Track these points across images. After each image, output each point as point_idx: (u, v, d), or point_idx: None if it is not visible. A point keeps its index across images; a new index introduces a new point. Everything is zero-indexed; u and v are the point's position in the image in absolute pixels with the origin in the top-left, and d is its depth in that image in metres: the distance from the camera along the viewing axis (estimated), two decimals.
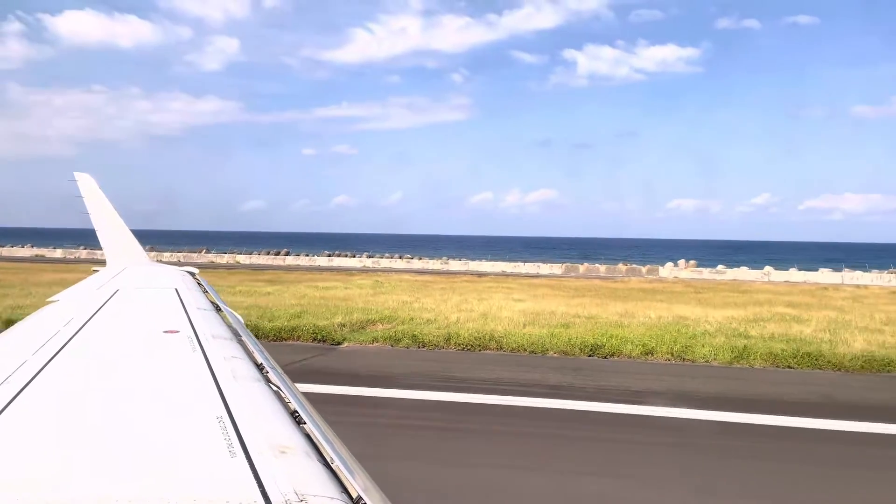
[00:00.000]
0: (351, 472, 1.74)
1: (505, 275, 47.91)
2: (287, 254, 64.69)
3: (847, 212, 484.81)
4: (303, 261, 59.19)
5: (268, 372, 2.77)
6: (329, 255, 62.13)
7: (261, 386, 2.51)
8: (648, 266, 54.11)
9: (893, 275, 47.11)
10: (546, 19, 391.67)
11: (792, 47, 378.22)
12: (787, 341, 16.54)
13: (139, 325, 3.92)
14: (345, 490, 1.63)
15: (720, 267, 52.57)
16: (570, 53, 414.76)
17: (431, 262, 58.61)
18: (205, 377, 2.54)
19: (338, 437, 2.12)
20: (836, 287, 39.39)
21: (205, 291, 5.65)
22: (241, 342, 3.40)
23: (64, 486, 1.54)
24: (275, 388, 2.50)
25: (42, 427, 1.98)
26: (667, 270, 51.21)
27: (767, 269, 50.67)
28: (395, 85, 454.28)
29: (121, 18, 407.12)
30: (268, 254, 64.62)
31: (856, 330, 18.31)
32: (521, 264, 55.00)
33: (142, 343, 3.32)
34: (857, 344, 16.07)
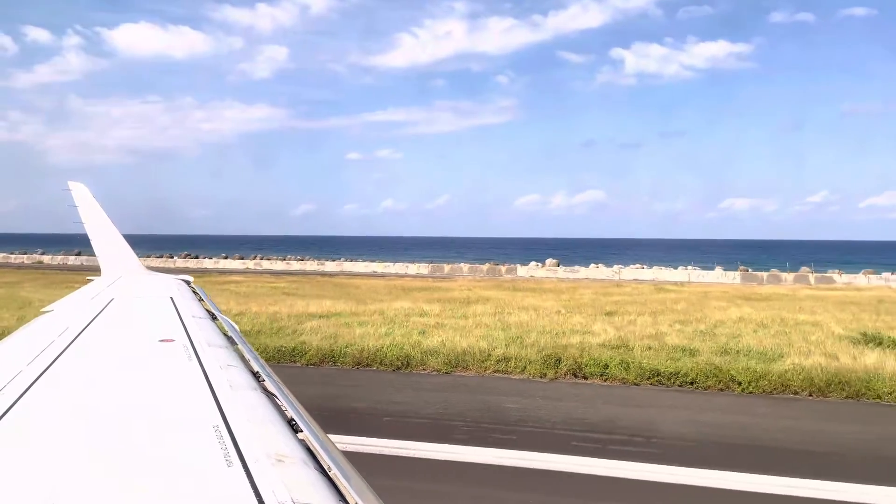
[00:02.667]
0: (348, 480, 1.73)
1: (372, 274, 50.51)
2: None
3: None
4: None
5: (264, 380, 2.76)
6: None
7: (257, 394, 2.50)
8: (508, 265, 56.12)
9: (738, 273, 48.29)
10: (592, 18, 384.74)
11: (847, 40, 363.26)
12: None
13: (134, 335, 3.93)
14: (342, 498, 1.63)
15: (576, 266, 55.48)
16: (617, 52, 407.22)
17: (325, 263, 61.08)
18: (201, 386, 2.53)
19: (334, 444, 2.12)
20: (660, 285, 39.44)
21: (200, 300, 5.66)
22: (236, 350, 3.40)
23: (60, 497, 1.54)
24: (271, 397, 2.50)
25: (38, 437, 1.97)
26: (524, 270, 52.97)
27: (617, 267, 53.59)
28: (440, 88, 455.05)
29: (175, 30, 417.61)
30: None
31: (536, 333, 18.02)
32: (390, 264, 57.36)
33: (137, 352, 3.32)
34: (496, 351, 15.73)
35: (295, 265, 61.55)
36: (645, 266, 54.82)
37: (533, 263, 58.41)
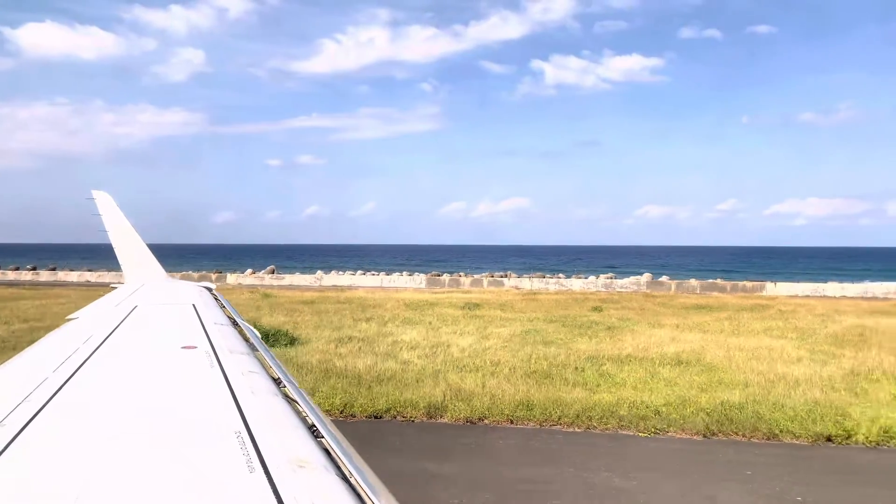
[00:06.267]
0: (370, 487, 1.74)
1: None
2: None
3: (810, 216, 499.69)
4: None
5: (285, 386, 2.79)
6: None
7: (278, 400, 2.52)
8: (217, 272, 50.16)
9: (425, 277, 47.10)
10: (512, 30, 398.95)
11: (751, 55, 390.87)
12: None
13: (157, 342, 3.95)
14: None
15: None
16: (537, 64, 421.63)
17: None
18: (223, 392, 2.55)
19: (356, 451, 2.13)
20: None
21: (222, 306, 5.67)
22: (258, 357, 3.43)
23: (84, 500, 1.57)
24: (292, 403, 2.53)
25: (62, 443, 2.00)
26: (233, 278, 48.85)
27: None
28: (364, 95, 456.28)
29: (83, 30, 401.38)
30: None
31: None
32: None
33: (160, 359, 3.34)
34: None
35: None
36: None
37: (249, 271, 51.36)
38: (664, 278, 50.11)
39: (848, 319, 23.30)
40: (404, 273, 50.92)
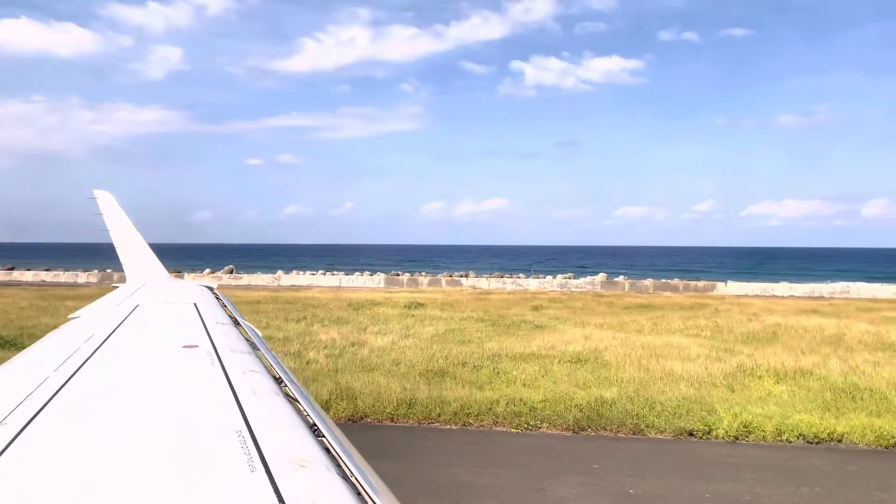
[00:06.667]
0: (371, 486, 1.75)
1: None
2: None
3: (785, 217, 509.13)
4: None
5: (286, 385, 2.81)
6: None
7: (280, 399, 2.52)
8: (175, 272, 48.76)
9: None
10: (493, 30, 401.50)
11: (727, 58, 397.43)
12: None
13: (159, 341, 3.96)
14: None
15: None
16: (517, 64, 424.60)
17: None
18: (224, 391, 2.54)
19: (357, 450, 2.15)
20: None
21: (223, 306, 5.70)
22: (259, 356, 3.44)
23: (85, 500, 1.58)
24: (293, 402, 2.54)
25: (64, 442, 2.01)
26: (190, 278, 46.37)
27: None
28: (345, 94, 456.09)
29: (59, 27, 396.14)
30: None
31: None
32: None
33: (162, 358, 3.35)
34: None
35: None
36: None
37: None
38: (621, 278, 50.70)
39: (772, 318, 23.81)
40: (365, 273, 50.96)
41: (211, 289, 7.16)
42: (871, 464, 9.55)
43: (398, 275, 49.60)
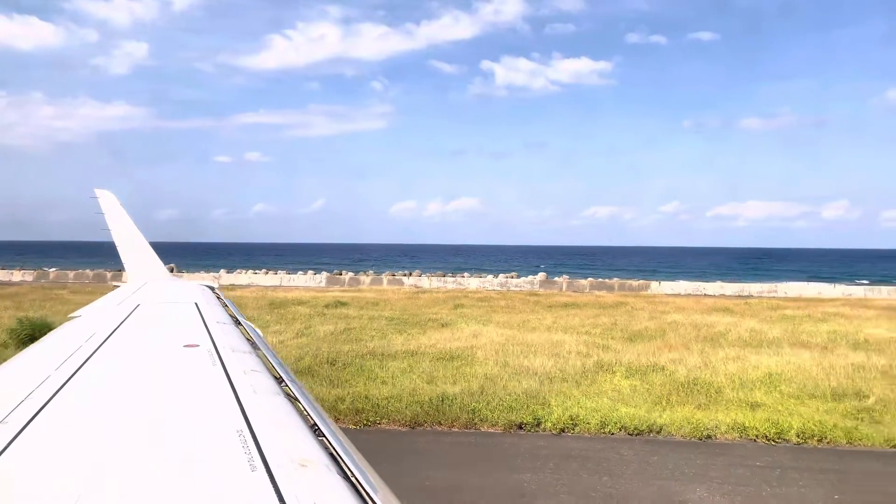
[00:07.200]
0: (371, 486, 1.76)
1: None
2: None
3: (748, 218, 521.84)
4: None
5: (287, 385, 2.81)
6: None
7: (280, 399, 2.52)
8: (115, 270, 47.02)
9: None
10: (464, 30, 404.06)
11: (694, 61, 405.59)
12: None
13: (160, 340, 3.95)
14: (365, 503, 1.67)
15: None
16: (487, 64, 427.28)
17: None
18: (225, 391, 2.54)
19: (357, 450, 2.16)
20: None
21: (224, 305, 5.68)
22: (260, 355, 3.46)
23: (86, 499, 1.58)
24: (294, 402, 2.54)
25: (65, 441, 2.01)
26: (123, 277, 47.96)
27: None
28: (315, 92, 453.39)
29: (20, 20, 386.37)
30: None
31: None
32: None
33: (162, 357, 3.35)
34: None
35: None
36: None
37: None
38: (563, 277, 51.41)
39: (674, 316, 24.47)
40: (309, 272, 50.78)
41: (212, 288, 7.21)
42: (675, 454, 9.97)
43: (341, 274, 49.69)
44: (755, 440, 10.52)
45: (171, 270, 50.91)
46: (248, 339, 3.97)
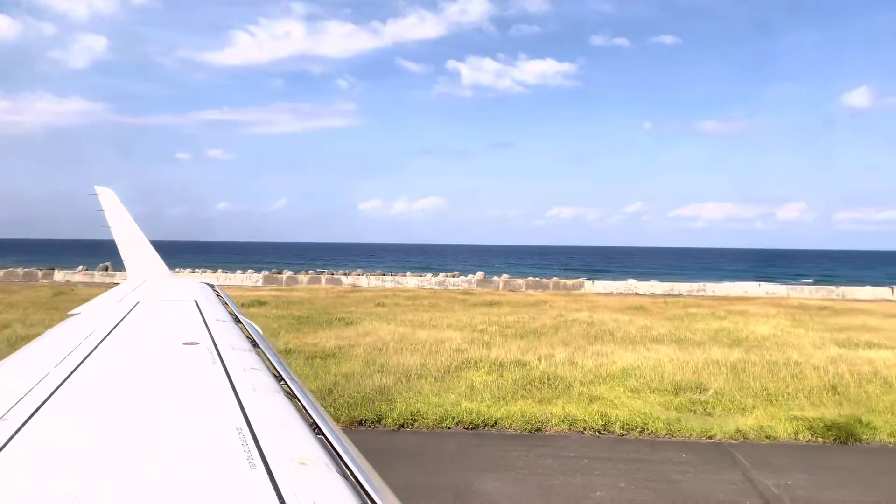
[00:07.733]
0: (371, 483, 1.78)
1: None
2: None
3: (708, 219, 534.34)
4: None
5: (287, 383, 2.81)
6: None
7: (280, 397, 2.52)
8: (48, 268, 49.39)
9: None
10: (430, 29, 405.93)
11: (656, 64, 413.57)
12: None
13: (159, 338, 3.94)
14: (365, 501, 1.67)
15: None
16: (453, 64, 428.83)
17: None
18: (224, 389, 2.55)
19: (357, 448, 2.17)
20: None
21: (224, 303, 5.66)
22: (259, 353, 3.45)
23: (85, 497, 1.57)
24: (293, 400, 2.54)
25: (63, 439, 2.01)
26: (61, 275, 47.74)
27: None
28: (279, 89, 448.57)
29: None
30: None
31: None
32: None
33: (162, 355, 3.35)
34: None
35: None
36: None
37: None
38: (504, 276, 52.02)
39: (580, 315, 25.07)
40: (248, 271, 50.48)
41: (212, 286, 7.23)
42: (496, 446, 10.29)
43: (279, 273, 49.40)
44: (582, 432, 10.94)
45: (107, 269, 50.10)
46: (247, 337, 4.00)
